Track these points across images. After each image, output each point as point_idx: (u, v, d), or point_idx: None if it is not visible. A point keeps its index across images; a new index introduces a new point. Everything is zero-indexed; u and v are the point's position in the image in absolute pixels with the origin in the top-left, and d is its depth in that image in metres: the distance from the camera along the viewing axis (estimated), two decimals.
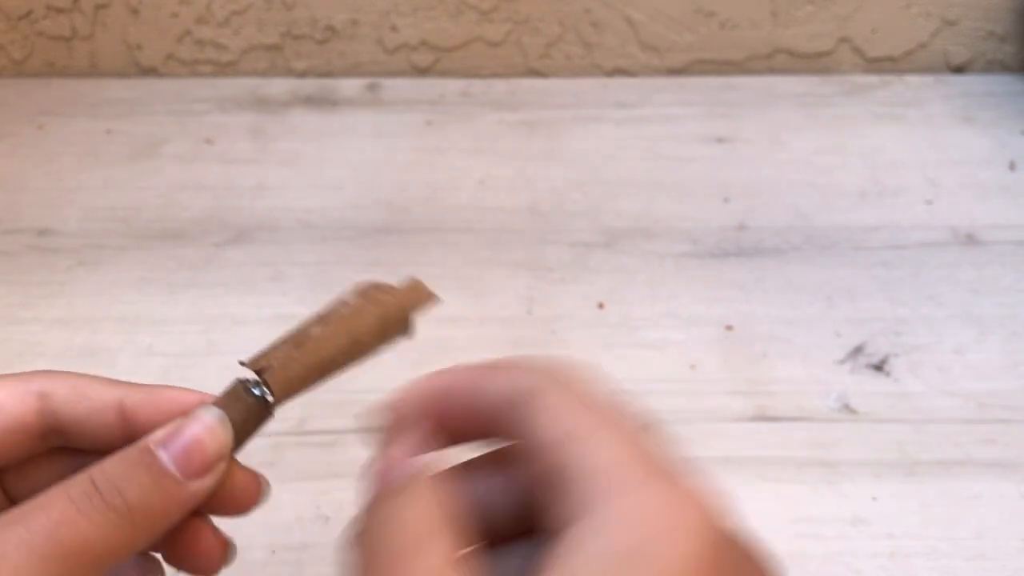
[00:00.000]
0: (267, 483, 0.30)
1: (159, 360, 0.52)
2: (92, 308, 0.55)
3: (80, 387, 0.29)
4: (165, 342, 0.53)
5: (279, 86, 0.74)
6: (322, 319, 0.30)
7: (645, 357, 0.52)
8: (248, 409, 0.29)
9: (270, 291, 0.56)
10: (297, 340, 0.30)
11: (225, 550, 0.30)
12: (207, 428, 0.27)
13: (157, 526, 0.26)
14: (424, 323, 0.55)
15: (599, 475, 0.23)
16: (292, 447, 0.46)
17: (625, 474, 0.23)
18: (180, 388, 0.30)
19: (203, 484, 0.27)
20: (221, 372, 0.50)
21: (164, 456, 0.26)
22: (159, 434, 0.27)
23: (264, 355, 0.29)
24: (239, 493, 0.29)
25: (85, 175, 0.65)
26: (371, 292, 0.31)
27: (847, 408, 0.49)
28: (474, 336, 0.53)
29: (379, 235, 0.60)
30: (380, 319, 0.31)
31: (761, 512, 0.44)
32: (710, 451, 0.47)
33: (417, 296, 0.32)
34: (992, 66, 0.75)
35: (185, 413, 0.28)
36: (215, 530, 0.29)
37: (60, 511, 0.25)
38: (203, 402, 0.29)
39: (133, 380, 0.30)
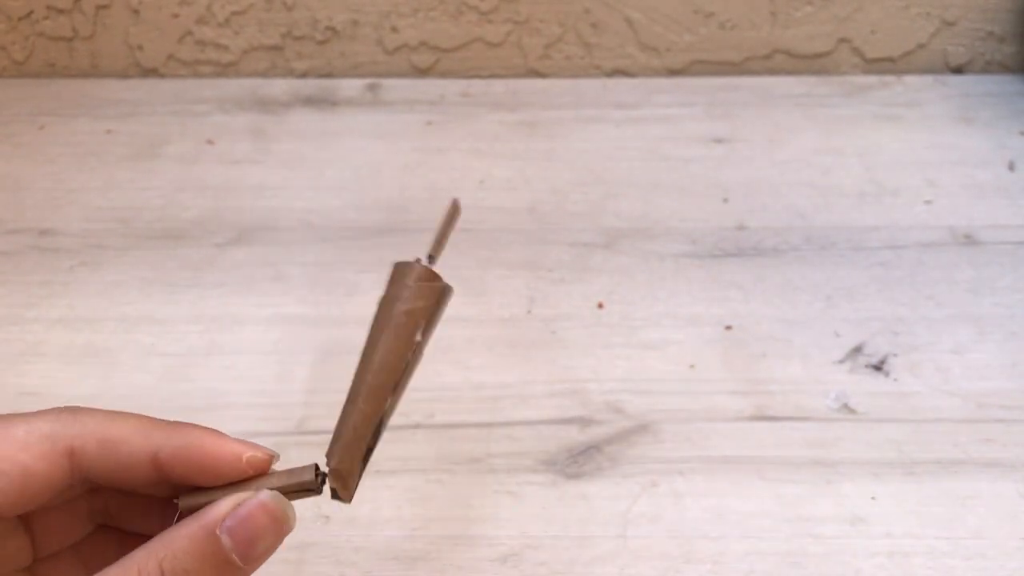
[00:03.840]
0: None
1: (160, 360, 0.52)
2: (94, 308, 0.55)
3: (109, 441, 0.28)
4: (166, 342, 0.53)
5: (280, 87, 0.74)
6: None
7: (645, 357, 0.52)
8: (306, 491, 0.29)
9: (271, 291, 0.56)
10: (370, 443, 0.29)
11: None
12: (273, 518, 0.28)
13: None
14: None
15: None
16: (292, 447, 0.46)
17: None
18: (209, 433, 0.29)
19: (259, 566, 0.28)
20: (222, 372, 0.51)
21: (229, 544, 0.27)
22: (223, 511, 0.27)
23: (340, 457, 0.29)
24: None
25: (86, 175, 0.65)
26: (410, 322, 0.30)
27: (846, 408, 0.49)
28: (474, 336, 0.53)
29: (379, 235, 0.60)
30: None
31: (760, 512, 0.44)
32: (709, 451, 0.47)
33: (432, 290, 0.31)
34: (991, 66, 0.75)
35: (227, 463, 0.28)
36: None
37: None
38: (236, 455, 0.29)
39: (134, 381, 0.30)
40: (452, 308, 0.55)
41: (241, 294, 0.56)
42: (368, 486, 0.45)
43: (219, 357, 0.52)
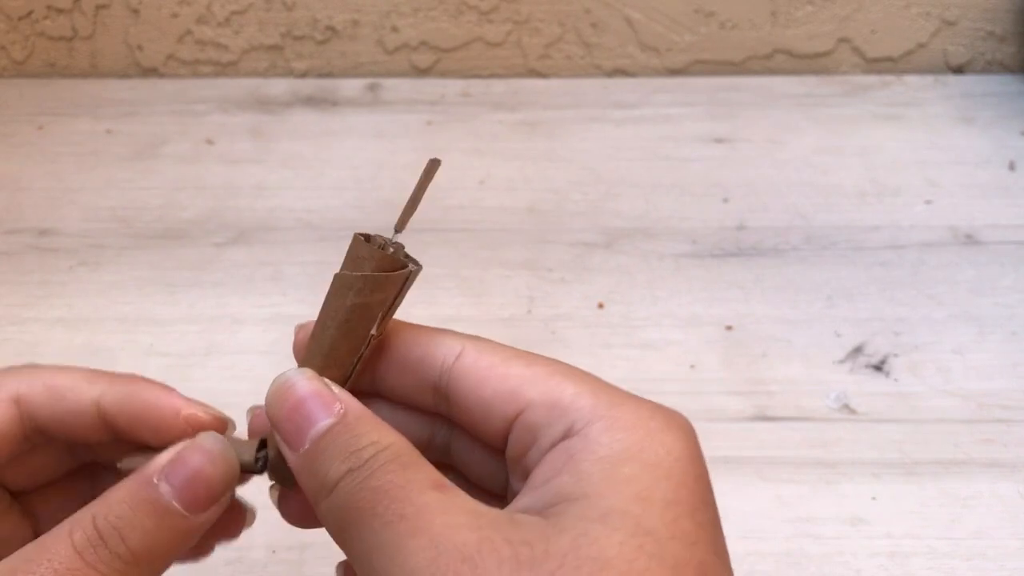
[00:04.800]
0: (253, 515, 0.30)
1: (159, 360, 0.52)
2: (93, 308, 0.55)
3: (56, 387, 0.28)
4: (165, 342, 0.53)
5: (279, 86, 0.74)
6: None
7: (645, 357, 0.52)
8: (250, 462, 0.28)
9: (270, 291, 0.56)
10: None
11: (244, 514, 0.30)
12: (210, 457, 0.26)
13: (165, 562, 0.26)
14: (425, 323, 0.55)
15: (570, 407, 0.25)
16: None
17: (598, 399, 0.25)
18: (157, 387, 0.29)
19: (208, 516, 0.26)
20: (221, 372, 0.51)
21: (167, 491, 0.25)
22: (161, 461, 0.26)
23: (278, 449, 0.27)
24: (221, 524, 0.28)
25: (86, 175, 0.65)
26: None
27: (846, 408, 0.49)
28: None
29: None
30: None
31: (760, 512, 0.44)
32: (709, 451, 0.47)
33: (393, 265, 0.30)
34: (991, 66, 0.75)
35: (164, 417, 0.28)
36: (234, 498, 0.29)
37: (65, 561, 0.24)
38: (175, 409, 0.28)
39: None
40: (452, 308, 0.55)
41: (240, 294, 0.56)
42: None
43: (218, 357, 0.52)
